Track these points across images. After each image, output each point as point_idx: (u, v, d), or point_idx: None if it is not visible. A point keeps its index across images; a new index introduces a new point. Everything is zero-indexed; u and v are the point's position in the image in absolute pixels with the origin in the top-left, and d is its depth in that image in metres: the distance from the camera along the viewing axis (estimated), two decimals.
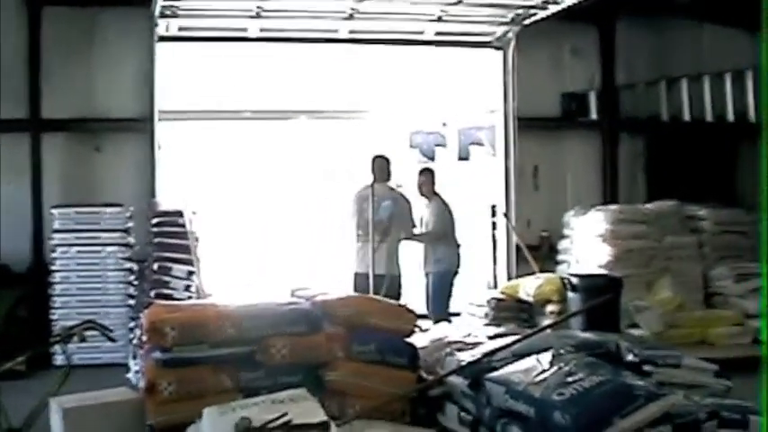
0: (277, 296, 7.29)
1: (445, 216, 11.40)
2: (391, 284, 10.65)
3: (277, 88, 12.95)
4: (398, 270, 10.93)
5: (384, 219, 10.87)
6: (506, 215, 13.17)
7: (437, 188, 11.66)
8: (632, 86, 14.07)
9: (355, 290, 10.42)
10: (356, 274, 10.88)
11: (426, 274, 11.42)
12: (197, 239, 10.77)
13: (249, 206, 13.29)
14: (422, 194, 11.52)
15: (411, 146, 14.17)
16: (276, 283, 10.61)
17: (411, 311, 7.21)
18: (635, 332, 10.01)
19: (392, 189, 11.21)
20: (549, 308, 11.15)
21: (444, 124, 14.27)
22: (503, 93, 13.17)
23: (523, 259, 12.55)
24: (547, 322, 9.63)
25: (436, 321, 10.30)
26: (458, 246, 11.50)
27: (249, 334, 6.41)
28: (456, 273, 11.47)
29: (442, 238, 11.30)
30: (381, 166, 11.16)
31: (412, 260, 11.47)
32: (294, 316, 6.63)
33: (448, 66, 13.57)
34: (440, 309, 11.16)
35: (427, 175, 11.63)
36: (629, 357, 6.29)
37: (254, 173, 13.46)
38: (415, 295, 11.19)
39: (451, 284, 11.45)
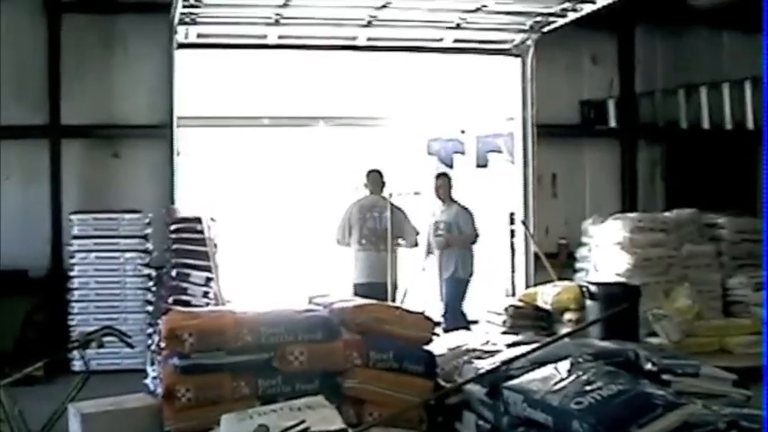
0: (295, 303, 7.30)
1: (473, 222, 11.42)
2: (391, 291, 10.82)
3: (295, 95, 12.95)
4: (398, 277, 11.09)
5: (383, 228, 11.03)
6: (524, 223, 13.16)
7: (453, 193, 11.69)
8: (651, 94, 14.04)
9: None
10: (356, 285, 10.99)
11: (442, 280, 11.35)
12: (215, 246, 10.77)
13: (267, 213, 13.27)
14: (438, 197, 11.57)
15: (429, 153, 14.14)
16: (294, 290, 10.64)
17: (429, 319, 7.24)
18: (653, 341, 9.94)
19: (385, 199, 11.31)
20: (567, 316, 11.15)
21: (463, 131, 14.24)
22: (521, 100, 13.17)
23: (541, 267, 12.54)
24: (565, 330, 9.66)
25: (454, 328, 10.37)
26: (472, 254, 11.54)
27: (267, 341, 6.43)
28: (468, 282, 11.50)
29: (469, 243, 11.27)
30: (375, 179, 11.40)
31: (412, 268, 11.54)
32: (312, 323, 6.64)
33: (466, 73, 13.55)
34: (452, 316, 11.12)
35: (444, 179, 11.71)
36: (648, 366, 6.26)
37: (272, 180, 13.44)
38: (423, 303, 11.09)
39: (464, 294, 11.48)
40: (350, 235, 11.27)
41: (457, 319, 11.03)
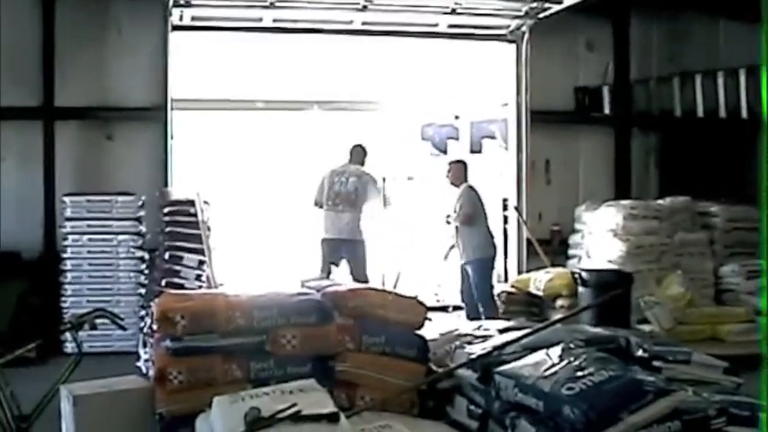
0: (287, 287, 7.26)
1: (474, 200, 11.25)
2: (355, 248, 11.11)
3: (290, 79, 12.95)
4: (361, 236, 11.26)
5: (350, 191, 11.21)
6: (518, 209, 13.22)
7: (470, 179, 11.52)
8: (646, 81, 14.05)
9: (323, 253, 11.16)
10: (323, 240, 11.27)
11: (465, 264, 11.16)
12: (209, 229, 10.79)
13: (261, 196, 13.32)
14: (451, 184, 11.43)
15: (423, 138, 14.17)
16: (287, 273, 10.70)
17: (422, 304, 7.13)
18: (645, 328, 9.96)
19: (360, 169, 11.46)
20: (560, 302, 11.30)
21: (457, 117, 14.32)
22: (516, 86, 13.21)
23: (534, 253, 12.69)
24: (557, 316, 9.66)
25: (483, 311, 10.63)
26: (491, 234, 11.38)
27: (259, 324, 6.36)
28: (494, 259, 11.37)
29: (475, 224, 11.14)
30: (357, 152, 11.53)
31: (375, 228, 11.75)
32: (304, 307, 6.57)
33: (461, 58, 13.59)
34: (485, 298, 10.99)
35: (455, 165, 11.51)
36: (639, 353, 6.24)
37: (266, 163, 13.44)
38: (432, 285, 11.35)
39: (491, 271, 11.34)
40: (327, 197, 11.51)
41: (488, 306, 10.94)
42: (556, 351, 5.83)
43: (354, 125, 13.44)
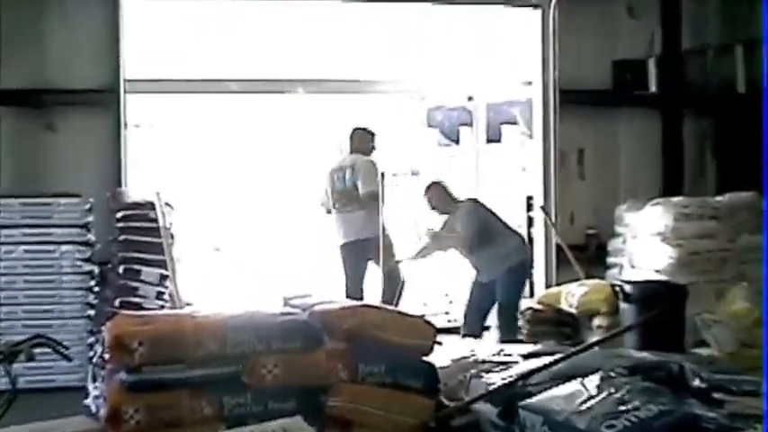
0: (268, 305, 7.32)
1: (472, 220, 10.99)
2: (382, 244, 11.19)
3: (269, 55, 12.96)
4: (385, 230, 11.37)
5: (350, 188, 11.51)
6: (545, 209, 13.16)
7: (458, 196, 11.35)
8: (701, 52, 14.02)
9: (344, 261, 11.51)
10: (342, 246, 11.62)
11: (488, 283, 10.96)
12: (172, 237, 10.81)
13: (236, 198, 13.47)
14: (441, 213, 11.27)
15: (430, 125, 14.20)
16: (268, 288, 10.84)
17: (429, 324, 7.15)
18: (703, 352, 9.80)
19: (359, 158, 11.66)
20: (597, 321, 11.22)
21: (470, 99, 14.31)
22: (541, 61, 13.19)
23: (565, 262, 12.64)
24: (594, 338, 9.66)
25: (503, 329, 10.70)
26: (514, 237, 11.22)
27: (234, 350, 6.37)
28: (526, 265, 11.30)
29: (487, 243, 10.91)
30: (359, 137, 11.78)
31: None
32: (288, 329, 6.59)
33: (476, 28, 13.55)
34: (509, 314, 10.94)
35: (434, 190, 11.28)
36: (696, 383, 6.25)
37: (241, 157, 13.44)
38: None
39: (523, 280, 11.32)
40: (331, 198, 11.81)
41: (510, 324, 10.91)
42: (593, 381, 5.85)
43: (347, 110, 13.44)
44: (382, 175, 11.35)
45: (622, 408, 5.43)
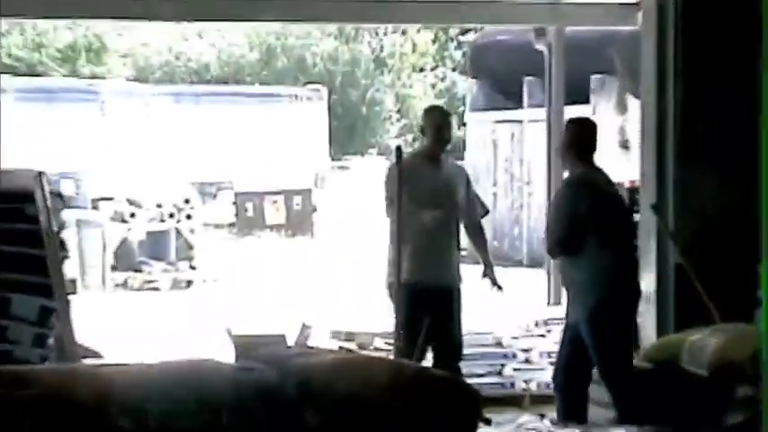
0: (212, 350, 6.95)
1: (569, 207, 9.20)
2: (455, 305, 9.83)
3: None
4: (461, 281, 10.07)
5: (444, 210, 9.88)
6: (657, 208, 10.52)
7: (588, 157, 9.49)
8: None
9: (398, 313, 9.44)
10: (407, 285, 9.63)
11: (576, 324, 9.37)
12: (63, 247, 10.31)
13: (161, 190, 13.33)
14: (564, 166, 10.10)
15: (474, 75, 13.16)
16: (213, 324, 10.29)
17: (468, 391, 6.22)
18: None
19: (448, 161, 10.33)
20: (742, 389, 9.26)
21: (540, 33, 12.50)
22: None
23: (691, 293, 10.15)
24: (733, 417, 8.94)
25: (614, 397, 9.21)
26: (623, 258, 9.41)
27: (155, 427, 5.80)
28: (631, 303, 9.54)
29: (579, 251, 9.23)
30: (440, 124, 10.09)
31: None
32: (239, 393, 5.77)
33: None
34: (616, 373, 9.27)
35: (577, 126, 9.67)
36: None
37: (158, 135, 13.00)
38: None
39: (629, 325, 9.65)
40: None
41: (620, 388, 9.20)
42: None
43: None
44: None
45: None
